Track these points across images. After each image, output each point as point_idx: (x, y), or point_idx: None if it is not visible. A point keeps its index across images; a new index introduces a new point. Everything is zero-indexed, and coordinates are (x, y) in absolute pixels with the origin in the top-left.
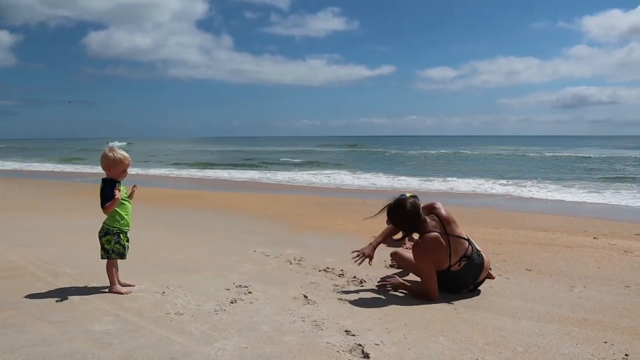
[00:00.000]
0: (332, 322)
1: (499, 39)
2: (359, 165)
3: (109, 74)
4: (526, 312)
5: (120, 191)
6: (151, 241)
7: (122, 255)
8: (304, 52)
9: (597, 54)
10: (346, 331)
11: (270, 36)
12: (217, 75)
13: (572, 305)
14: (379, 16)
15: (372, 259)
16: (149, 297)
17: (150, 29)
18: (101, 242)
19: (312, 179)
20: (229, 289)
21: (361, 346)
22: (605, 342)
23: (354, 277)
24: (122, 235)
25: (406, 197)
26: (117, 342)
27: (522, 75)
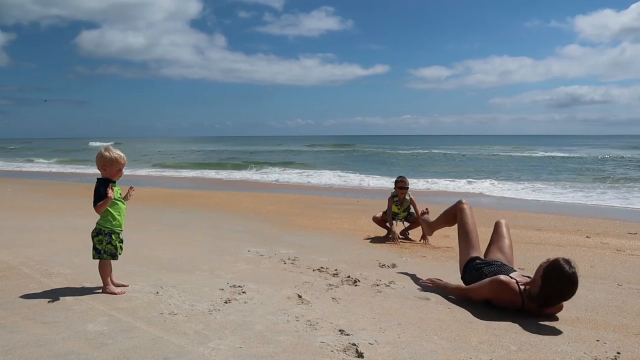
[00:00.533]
0: (326, 321)
1: (492, 38)
2: (335, 165)
3: (102, 74)
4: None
5: (113, 191)
6: (144, 241)
7: (114, 255)
8: (297, 52)
9: (590, 53)
10: (340, 330)
11: (263, 35)
12: (211, 74)
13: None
14: (373, 16)
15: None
16: (143, 297)
17: (143, 28)
18: (93, 242)
19: (264, 178)
20: (222, 289)
21: (355, 345)
22: (597, 340)
23: (348, 276)
24: (114, 235)
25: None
26: (111, 343)
27: (516, 74)
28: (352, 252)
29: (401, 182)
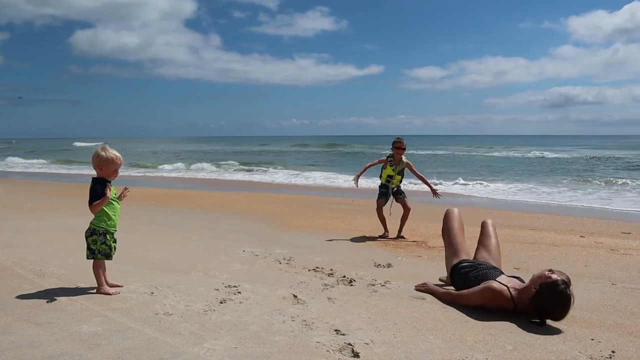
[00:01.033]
0: (322, 321)
1: (486, 39)
2: (326, 166)
3: (96, 73)
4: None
5: (110, 190)
6: (139, 241)
7: (108, 255)
8: (292, 52)
9: (583, 54)
10: (336, 330)
11: (258, 36)
12: (205, 74)
13: None
14: (368, 16)
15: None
16: (138, 298)
17: (137, 28)
18: (87, 242)
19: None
20: (218, 289)
21: (351, 345)
22: (592, 340)
23: (344, 276)
24: (108, 235)
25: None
26: (105, 343)
27: (510, 75)
28: (348, 252)
29: (398, 143)
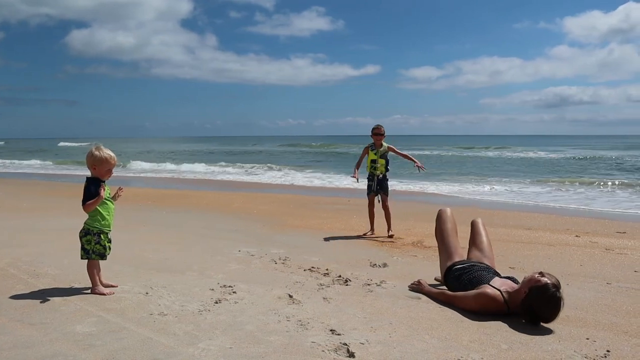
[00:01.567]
0: (317, 321)
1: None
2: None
3: (92, 73)
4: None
5: (104, 190)
6: (134, 241)
7: (103, 255)
8: (288, 52)
9: (579, 54)
10: (331, 330)
11: (254, 35)
12: (202, 74)
13: None
14: (364, 16)
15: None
16: (132, 298)
17: (133, 28)
18: (81, 242)
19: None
20: (213, 289)
21: (346, 345)
22: (587, 339)
23: (339, 276)
24: (102, 235)
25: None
26: (99, 344)
27: (505, 75)
28: (343, 251)
29: (376, 129)
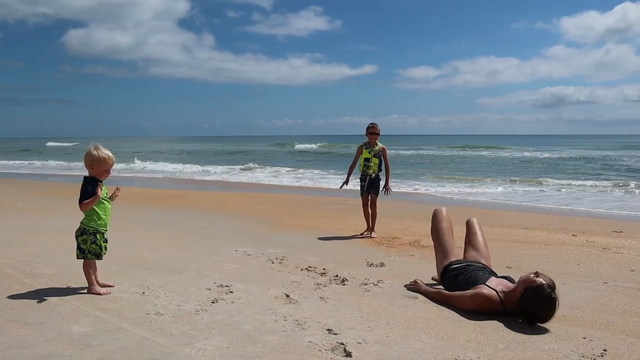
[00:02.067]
0: (314, 321)
1: (479, 39)
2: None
3: (90, 73)
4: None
5: (102, 189)
6: (131, 241)
7: (99, 255)
8: (286, 51)
9: (575, 54)
10: (328, 330)
11: (252, 35)
12: (199, 74)
13: None
14: (362, 16)
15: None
16: (129, 298)
17: (131, 28)
18: (77, 242)
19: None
20: (210, 289)
21: (343, 345)
22: (584, 338)
23: (336, 275)
24: (98, 235)
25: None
26: (95, 344)
27: (503, 75)
28: (340, 251)
29: (372, 128)
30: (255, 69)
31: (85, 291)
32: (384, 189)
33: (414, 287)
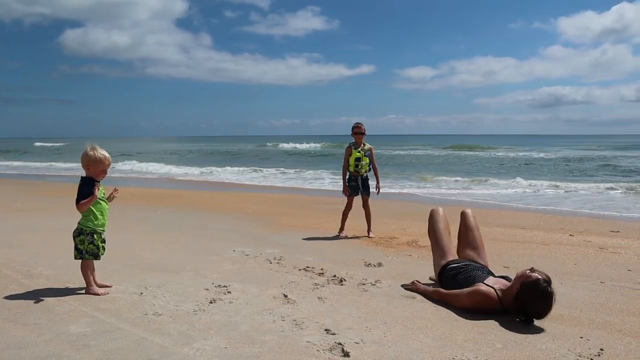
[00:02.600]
0: (312, 321)
1: (477, 39)
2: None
3: (87, 73)
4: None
5: (98, 189)
6: (129, 241)
7: (96, 255)
8: (283, 51)
9: (572, 54)
10: (326, 330)
11: (249, 35)
12: (197, 74)
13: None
14: (359, 16)
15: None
16: (127, 298)
17: (128, 27)
18: (75, 242)
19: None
20: (208, 289)
21: (341, 345)
22: (581, 337)
23: (334, 275)
24: (95, 235)
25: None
26: (93, 344)
27: (500, 75)
28: (338, 251)
29: (358, 128)
30: (252, 69)
31: (83, 291)
32: (377, 188)
33: (412, 288)
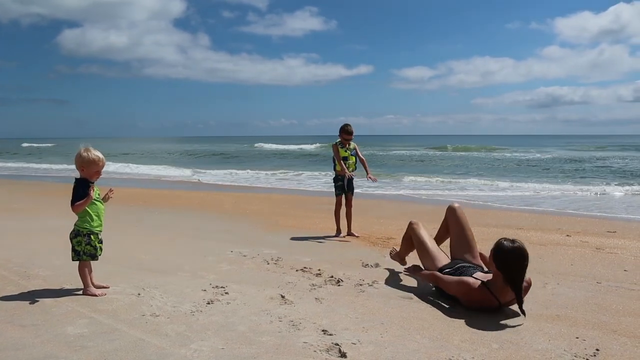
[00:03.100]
0: (309, 321)
1: (474, 39)
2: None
3: (83, 73)
4: (501, 309)
5: (93, 191)
6: (126, 242)
7: (94, 256)
8: (281, 52)
9: (569, 54)
10: (323, 331)
11: (247, 35)
12: (194, 74)
13: (545, 301)
14: (357, 16)
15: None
16: (124, 299)
17: (125, 28)
18: (72, 244)
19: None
20: (205, 290)
21: (338, 345)
22: (577, 338)
23: (331, 276)
24: (92, 236)
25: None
26: (91, 345)
27: (497, 75)
28: (335, 252)
29: (348, 129)
30: (250, 69)
31: (80, 292)
32: (368, 177)
33: (411, 269)
